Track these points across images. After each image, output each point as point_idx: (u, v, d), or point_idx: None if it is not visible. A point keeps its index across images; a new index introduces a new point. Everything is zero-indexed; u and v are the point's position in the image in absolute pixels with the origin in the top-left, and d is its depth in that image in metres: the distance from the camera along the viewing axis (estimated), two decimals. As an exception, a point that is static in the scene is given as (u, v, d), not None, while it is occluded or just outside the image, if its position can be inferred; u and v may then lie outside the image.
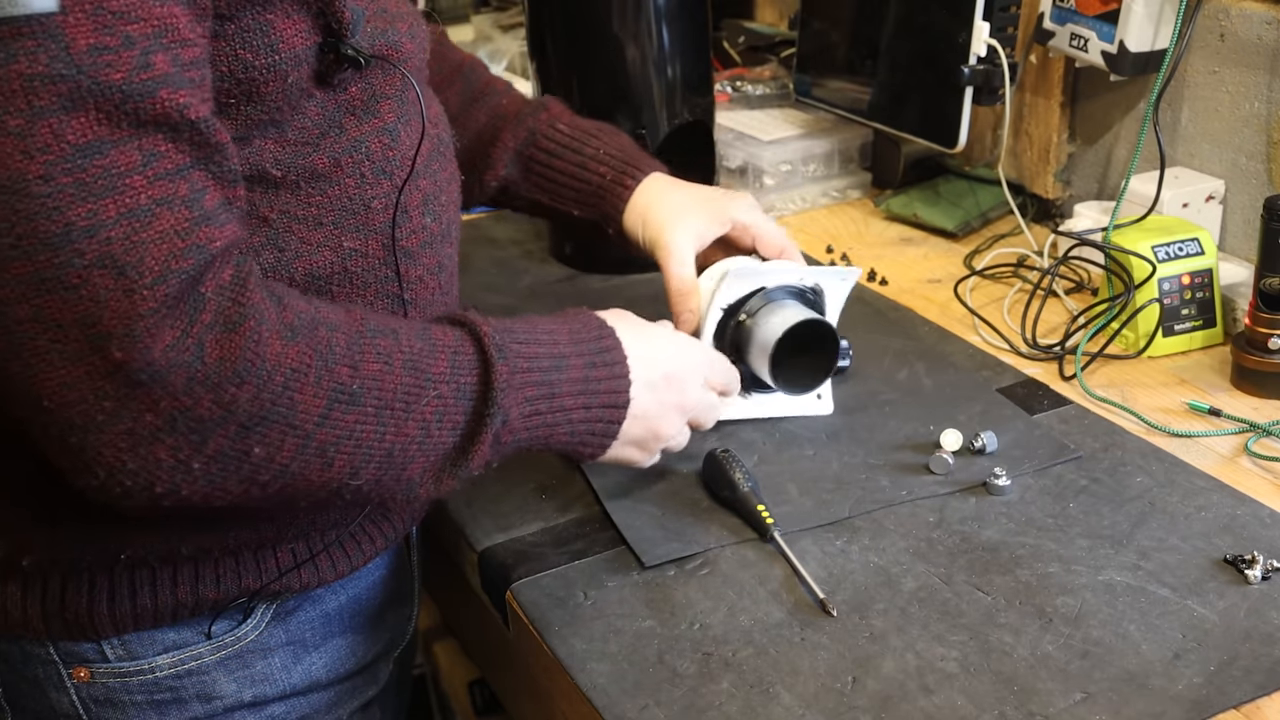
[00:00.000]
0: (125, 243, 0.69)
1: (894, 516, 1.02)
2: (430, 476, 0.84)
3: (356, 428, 0.78)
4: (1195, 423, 1.13)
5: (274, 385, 0.74)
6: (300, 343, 0.76)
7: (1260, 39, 1.27)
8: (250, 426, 0.74)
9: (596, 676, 0.88)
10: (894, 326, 1.32)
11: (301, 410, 0.75)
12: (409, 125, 0.91)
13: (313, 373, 0.76)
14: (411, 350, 0.82)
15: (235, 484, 0.76)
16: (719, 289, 1.10)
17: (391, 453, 0.81)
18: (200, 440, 0.73)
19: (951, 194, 1.60)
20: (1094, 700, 0.82)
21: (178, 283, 0.70)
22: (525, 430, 0.88)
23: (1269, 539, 0.96)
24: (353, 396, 0.78)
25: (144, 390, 0.70)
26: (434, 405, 0.82)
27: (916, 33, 1.51)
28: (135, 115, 0.69)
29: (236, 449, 0.74)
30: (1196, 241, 1.26)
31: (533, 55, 1.44)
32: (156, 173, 0.70)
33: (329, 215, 0.86)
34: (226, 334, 0.72)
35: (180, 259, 0.71)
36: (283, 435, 0.75)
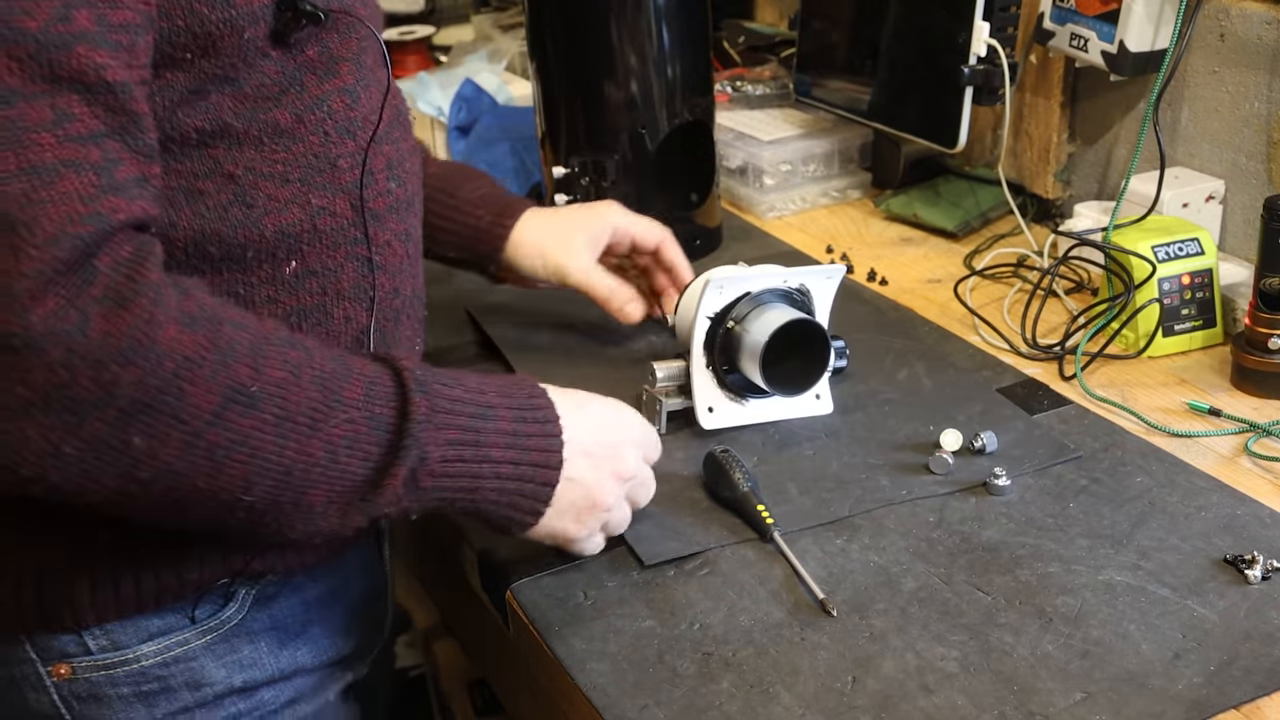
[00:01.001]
0: (21, 199, 0.65)
1: (894, 516, 1.02)
2: (335, 508, 0.79)
3: (252, 434, 0.73)
4: (1195, 423, 1.13)
5: (163, 371, 0.69)
6: (198, 332, 0.71)
7: (1260, 39, 1.27)
8: (132, 413, 0.69)
9: (596, 676, 0.88)
10: (894, 326, 1.32)
11: (191, 403, 0.70)
12: (368, 89, 0.90)
13: (208, 365, 0.71)
14: (323, 369, 0.78)
15: (111, 476, 0.71)
16: (703, 298, 1.10)
17: (291, 471, 0.75)
18: (75, 422, 0.68)
19: (951, 194, 1.60)
20: (1094, 700, 0.82)
21: (70, 248, 0.66)
22: (447, 477, 0.82)
23: (1269, 539, 0.96)
24: (251, 399, 0.73)
25: (17, 358, 0.66)
26: (343, 430, 0.77)
27: (916, 33, 1.51)
28: (49, 68, 0.66)
29: (115, 437, 0.69)
30: (1196, 241, 1.26)
31: (533, 55, 1.44)
32: (68, 134, 0.67)
33: (295, 171, 0.85)
34: (115, 309, 0.68)
35: (77, 224, 0.67)
36: (168, 428, 0.70)
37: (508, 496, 0.86)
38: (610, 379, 1.24)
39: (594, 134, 1.42)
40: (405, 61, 2.18)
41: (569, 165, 1.44)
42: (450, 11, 2.43)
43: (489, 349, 1.33)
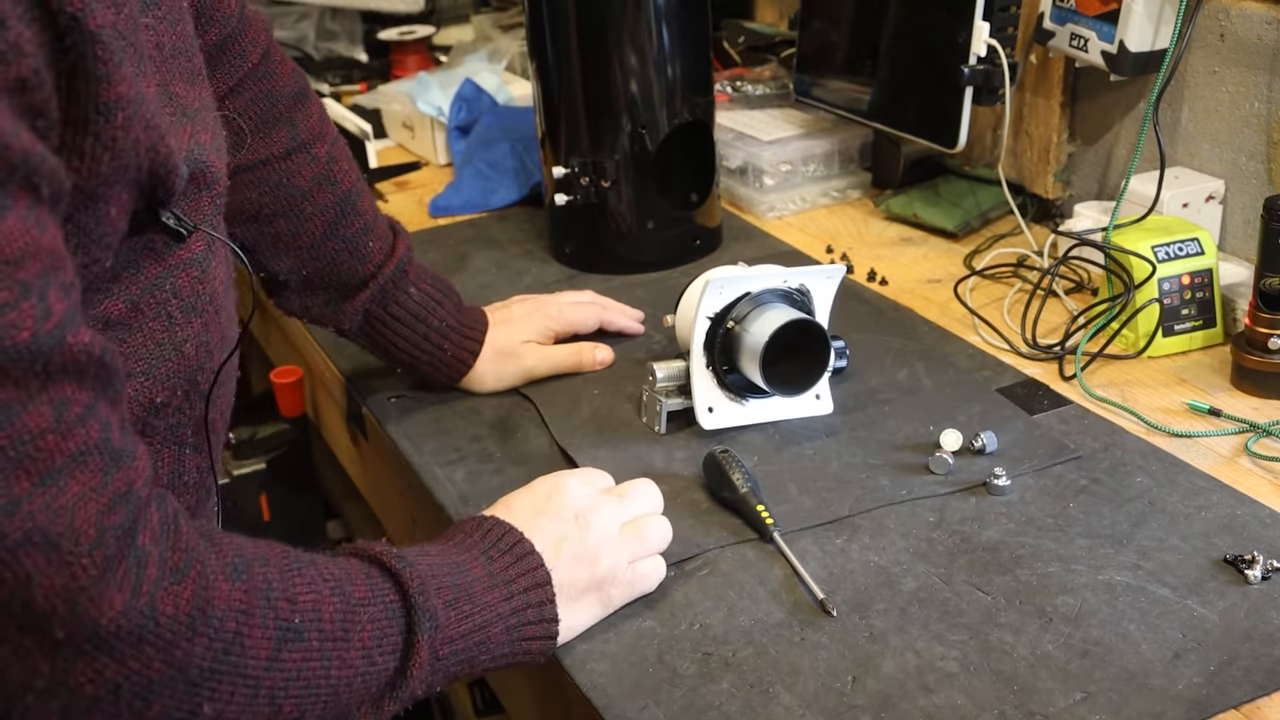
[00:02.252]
0: (47, 513, 0.61)
1: (894, 516, 1.02)
2: (372, 706, 0.78)
3: (304, 665, 0.72)
4: (1195, 423, 1.13)
5: (226, 633, 0.68)
6: (244, 581, 0.70)
7: (1260, 39, 1.27)
8: (200, 683, 0.67)
9: (596, 676, 0.88)
10: (894, 326, 1.32)
11: (251, 656, 0.69)
12: (218, 254, 0.82)
13: (258, 613, 0.70)
14: (333, 575, 0.76)
15: None
16: (703, 298, 1.10)
17: (338, 689, 0.74)
18: (144, 706, 0.65)
19: (951, 194, 1.60)
20: (1094, 700, 0.82)
21: (114, 541, 0.63)
22: (460, 637, 0.81)
23: (1269, 539, 0.96)
24: (296, 632, 0.72)
25: (85, 662, 0.63)
26: (369, 629, 0.76)
27: (916, 33, 1.51)
28: (45, 370, 0.61)
29: (184, 709, 0.67)
30: (1196, 241, 1.26)
31: (533, 55, 1.44)
32: (68, 424, 0.62)
33: (137, 365, 0.76)
34: (175, 585, 0.66)
35: (110, 513, 0.63)
36: (233, 687, 0.69)
37: (519, 630, 0.85)
38: (610, 379, 1.24)
39: (594, 134, 1.42)
40: (405, 61, 2.18)
41: (569, 165, 1.44)
42: (450, 11, 2.43)
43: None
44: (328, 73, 2.22)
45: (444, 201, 1.71)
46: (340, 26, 2.28)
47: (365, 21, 2.29)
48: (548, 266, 1.52)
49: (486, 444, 1.16)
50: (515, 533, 0.88)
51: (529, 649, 0.87)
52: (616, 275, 1.47)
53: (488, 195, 1.70)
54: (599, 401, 1.20)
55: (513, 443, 1.16)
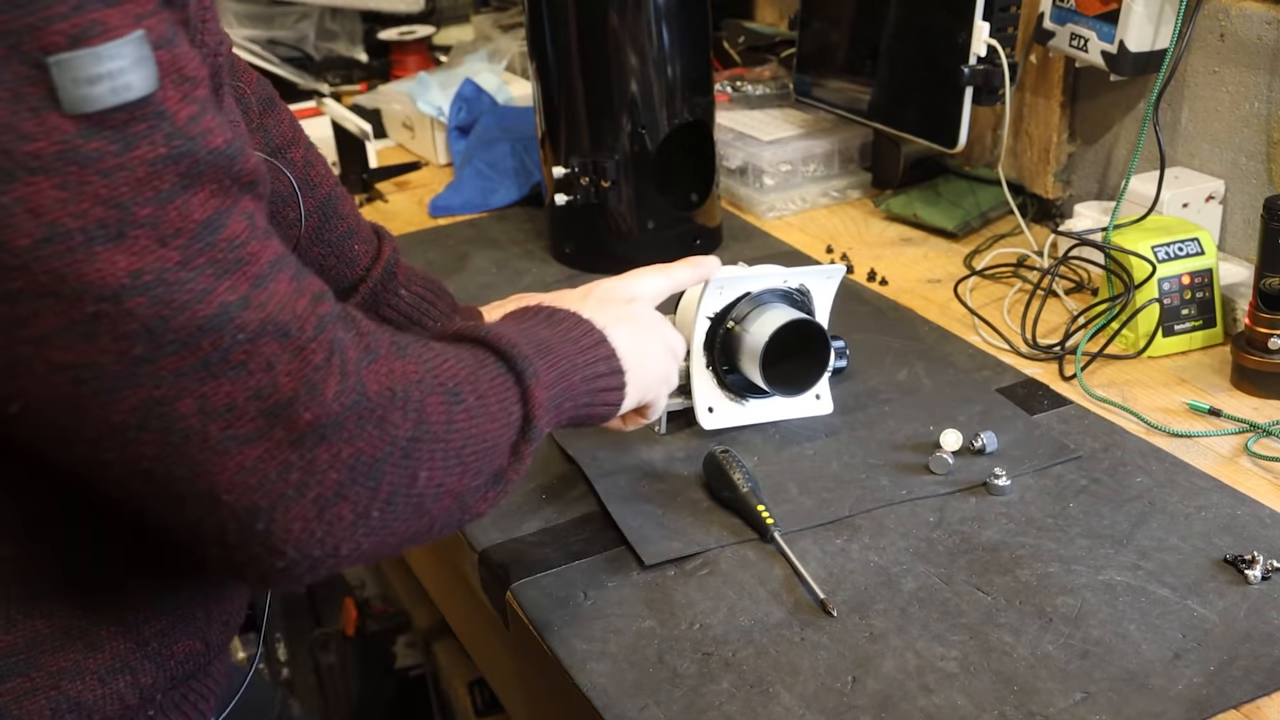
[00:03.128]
0: (275, 304, 0.66)
1: (894, 516, 1.02)
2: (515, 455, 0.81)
3: (471, 423, 0.76)
4: (1195, 423, 1.13)
5: (414, 402, 0.72)
6: (408, 356, 0.74)
7: (1260, 39, 1.27)
8: (410, 452, 0.71)
9: (596, 676, 0.88)
10: (894, 326, 1.32)
11: (435, 421, 0.73)
12: None
13: (427, 381, 0.74)
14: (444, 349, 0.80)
15: (403, 522, 0.72)
16: (703, 298, 1.10)
17: (496, 439, 0.79)
18: (376, 483, 0.69)
19: (951, 194, 1.60)
20: (1094, 700, 0.82)
21: (327, 330, 0.68)
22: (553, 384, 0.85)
23: (1269, 539, 0.96)
24: (455, 395, 0.76)
25: (327, 445, 0.67)
26: (493, 385, 0.80)
27: (916, 33, 1.51)
28: (236, 179, 0.66)
29: (405, 479, 0.71)
30: (1196, 241, 1.26)
31: (533, 55, 1.44)
32: (259, 234, 0.67)
33: None
34: (372, 364, 0.70)
35: (318, 304, 0.68)
36: (432, 451, 0.72)
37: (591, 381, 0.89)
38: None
39: (594, 134, 1.42)
40: (405, 61, 2.18)
41: (569, 165, 1.44)
42: (450, 11, 2.43)
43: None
44: (328, 73, 2.22)
45: (444, 201, 1.71)
46: (340, 26, 2.28)
47: (365, 21, 2.29)
48: (548, 266, 1.52)
49: (486, 444, 1.16)
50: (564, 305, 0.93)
51: (606, 399, 0.91)
52: (616, 275, 1.46)
53: (488, 195, 1.70)
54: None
55: (513, 443, 1.16)
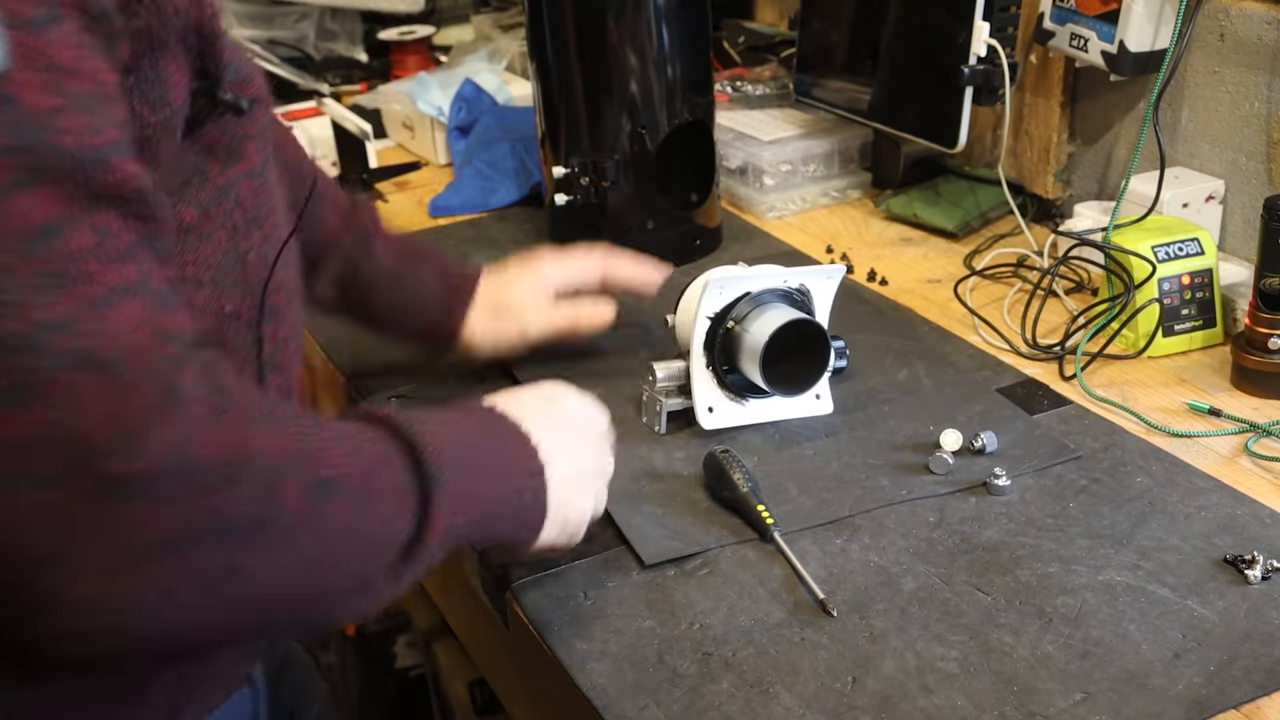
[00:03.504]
0: (100, 336, 0.59)
1: (894, 516, 1.02)
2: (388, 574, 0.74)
3: (337, 521, 0.69)
4: (1195, 423, 1.13)
5: (263, 480, 0.65)
6: (280, 433, 0.67)
7: (1260, 39, 1.27)
8: (245, 537, 0.64)
9: (596, 676, 0.88)
10: (894, 326, 1.32)
11: (290, 508, 0.66)
12: (273, 168, 0.83)
13: (294, 465, 0.67)
14: (341, 430, 0.73)
15: (220, 610, 0.65)
16: (703, 298, 1.10)
17: (367, 549, 0.72)
18: (191, 562, 0.62)
19: (951, 194, 1.60)
20: (1094, 700, 0.82)
21: (167, 372, 0.61)
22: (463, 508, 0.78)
23: (1269, 539, 0.96)
24: (327, 486, 0.69)
25: (132, 507, 0.60)
26: (388, 492, 0.73)
27: (916, 33, 1.51)
28: (88, 187, 0.61)
29: (228, 562, 0.64)
30: (1196, 241, 1.26)
31: (533, 55, 1.44)
32: (110, 254, 0.61)
33: (207, 273, 0.76)
34: (217, 428, 0.63)
35: (163, 345, 0.62)
36: (272, 540, 0.66)
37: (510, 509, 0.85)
38: (610, 379, 1.24)
39: (594, 134, 1.42)
40: (405, 61, 2.18)
41: (569, 165, 1.44)
42: (450, 11, 2.43)
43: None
44: (328, 73, 2.22)
45: (444, 201, 1.71)
46: (340, 26, 2.28)
47: (365, 21, 2.29)
48: (548, 266, 1.52)
49: (486, 444, 1.16)
50: (514, 420, 0.87)
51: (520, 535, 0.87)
52: None
53: (488, 195, 1.70)
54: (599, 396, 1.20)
55: (513, 443, 1.16)
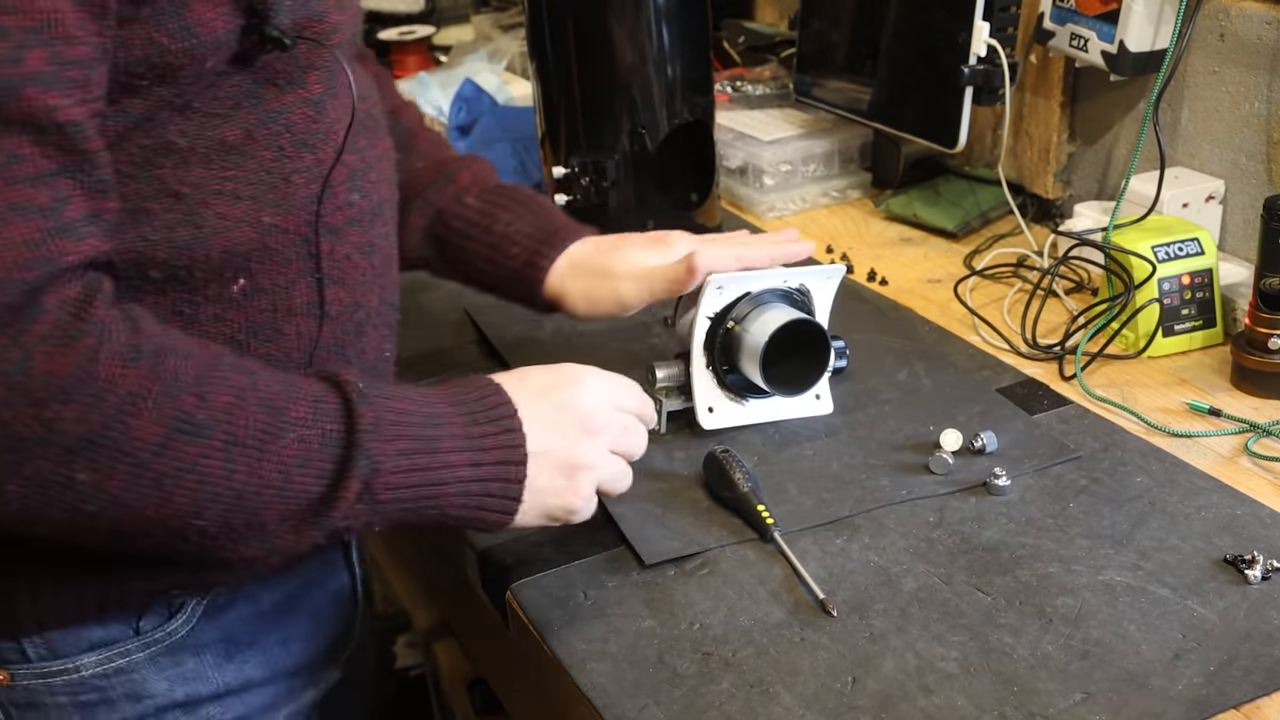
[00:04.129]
0: None
1: (894, 516, 1.02)
2: (289, 526, 0.79)
3: (201, 461, 0.74)
4: (1195, 423, 1.13)
5: (105, 407, 0.70)
6: (143, 366, 0.72)
7: (1260, 39, 1.27)
8: (75, 450, 0.69)
9: (596, 676, 0.88)
10: (894, 326, 1.32)
11: (136, 436, 0.71)
12: (336, 98, 0.87)
13: (152, 398, 0.71)
14: (269, 391, 0.78)
15: (57, 511, 0.72)
16: (702, 299, 1.10)
17: (242, 494, 0.76)
18: (17, 460, 0.69)
19: (951, 194, 1.60)
20: (1094, 700, 0.82)
21: (16, 293, 0.67)
22: (405, 488, 0.81)
23: (1269, 539, 0.96)
24: (197, 427, 0.73)
25: None
26: (295, 449, 0.77)
27: (916, 33, 1.51)
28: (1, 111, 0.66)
29: (58, 473, 0.70)
30: (1196, 241, 1.26)
31: (533, 55, 1.44)
32: (15, 176, 0.67)
33: (246, 189, 0.83)
34: (58, 348, 0.68)
35: (25, 269, 0.67)
36: (113, 461, 0.71)
37: (475, 499, 0.85)
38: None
39: (594, 134, 1.42)
40: (405, 61, 2.18)
41: (569, 165, 1.43)
42: (450, 11, 2.43)
43: (488, 349, 1.34)
44: (328, 73, 2.22)
45: (444, 201, 1.70)
46: (340, 26, 2.27)
47: (365, 21, 2.29)
48: (548, 266, 1.52)
49: (486, 444, 1.16)
50: (509, 407, 0.87)
51: (484, 519, 0.86)
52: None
53: (488, 195, 1.70)
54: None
55: (513, 443, 1.16)
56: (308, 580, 1.01)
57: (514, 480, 0.86)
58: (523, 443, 0.86)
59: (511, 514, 0.87)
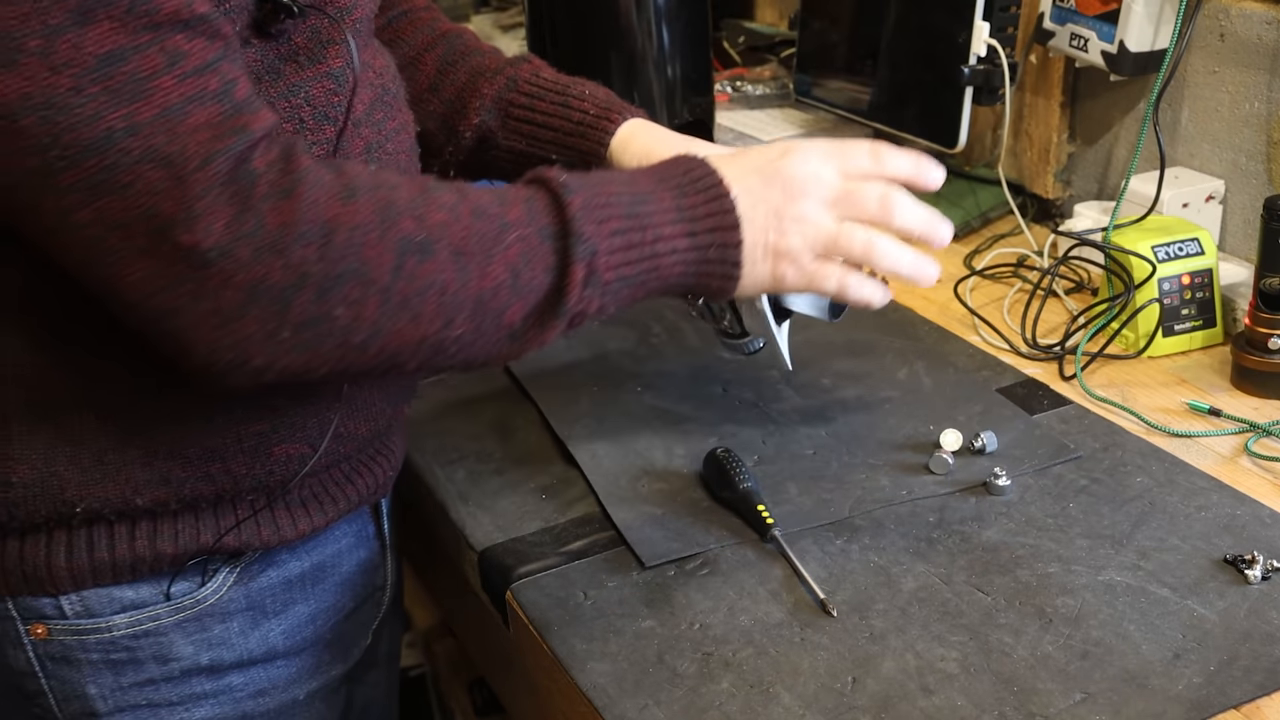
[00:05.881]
0: (166, 135, 0.71)
1: (894, 516, 1.02)
2: (533, 320, 0.84)
3: (436, 276, 0.79)
4: (1195, 423, 1.13)
5: (338, 243, 0.75)
6: (359, 200, 0.77)
7: (1260, 39, 1.27)
8: (327, 288, 0.75)
9: (596, 676, 0.88)
10: (894, 326, 1.32)
11: (373, 265, 0.76)
12: (362, 78, 0.90)
13: (376, 228, 0.77)
14: (479, 201, 0.83)
15: (331, 348, 0.77)
16: None
17: (482, 299, 0.81)
18: (282, 308, 0.75)
19: (951, 194, 1.60)
20: (1094, 700, 0.82)
21: (225, 162, 0.73)
22: (625, 265, 0.86)
23: (1269, 539, 0.96)
24: (422, 246, 0.79)
25: (217, 268, 0.73)
26: (517, 248, 0.82)
27: (916, 33, 1.51)
28: (148, 18, 0.71)
29: (319, 312, 0.76)
30: (1196, 241, 1.26)
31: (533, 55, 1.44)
32: (184, 71, 0.72)
33: None
34: (283, 200, 0.74)
35: (222, 140, 0.73)
36: (362, 291, 0.76)
37: (694, 267, 0.89)
38: (609, 373, 1.24)
39: (594, 134, 1.42)
40: (405, 61, 2.17)
41: (569, 165, 1.43)
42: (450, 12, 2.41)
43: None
44: (328, 72, 2.22)
45: (444, 201, 1.70)
46: (340, 26, 2.27)
47: (365, 21, 2.29)
48: (548, 266, 1.52)
49: (486, 443, 1.16)
50: (716, 177, 0.90)
51: (708, 285, 0.91)
52: None
53: (488, 195, 1.70)
54: (599, 394, 1.20)
55: (513, 442, 1.16)
56: (338, 549, 1.03)
57: (730, 245, 0.89)
58: (733, 208, 0.90)
59: (733, 279, 0.91)
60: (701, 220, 0.89)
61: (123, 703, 0.95)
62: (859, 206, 0.93)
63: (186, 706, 0.97)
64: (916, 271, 0.97)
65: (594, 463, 1.10)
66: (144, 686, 0.95)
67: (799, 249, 0.92)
